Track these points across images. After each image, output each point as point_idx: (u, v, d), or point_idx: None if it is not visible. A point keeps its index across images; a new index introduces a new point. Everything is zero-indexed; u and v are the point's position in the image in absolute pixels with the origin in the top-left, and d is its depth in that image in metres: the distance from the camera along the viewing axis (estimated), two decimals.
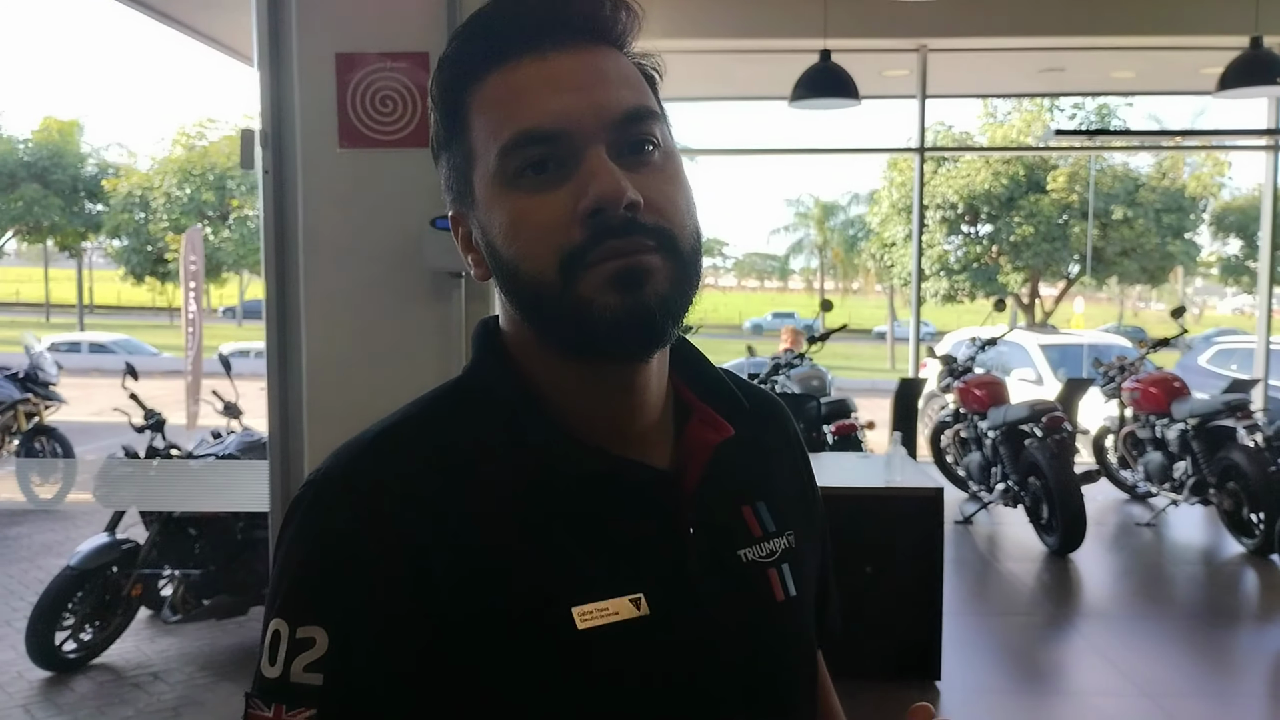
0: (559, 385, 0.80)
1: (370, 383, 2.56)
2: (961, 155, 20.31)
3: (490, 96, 0.77)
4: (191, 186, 25.86)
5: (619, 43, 0.81)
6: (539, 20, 0.77)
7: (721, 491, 0.84)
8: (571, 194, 0.74)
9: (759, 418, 0.92)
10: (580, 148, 0.74)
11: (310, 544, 0.76)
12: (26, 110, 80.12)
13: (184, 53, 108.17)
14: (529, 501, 0.77)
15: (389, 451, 0.79)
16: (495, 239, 0.78)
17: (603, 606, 0.75)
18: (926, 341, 14.16)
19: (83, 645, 4.52)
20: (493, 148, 0.76)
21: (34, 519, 7.75)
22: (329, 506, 0.77)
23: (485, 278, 0.81)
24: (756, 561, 0.84)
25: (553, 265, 0.74)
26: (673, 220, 0.76)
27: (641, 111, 0.77)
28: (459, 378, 0.86)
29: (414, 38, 2.45)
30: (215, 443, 5.05)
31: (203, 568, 4.58)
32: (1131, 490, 7.54)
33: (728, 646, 0.81)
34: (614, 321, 0.73)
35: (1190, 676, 4.50)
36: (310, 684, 0.72)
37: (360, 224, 2.49)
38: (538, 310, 0.77)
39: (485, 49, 0.78)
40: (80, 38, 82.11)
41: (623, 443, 0.80)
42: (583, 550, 0.77)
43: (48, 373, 8.82)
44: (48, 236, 28.45)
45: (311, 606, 0.74)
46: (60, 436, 8.45)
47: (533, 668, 0.74)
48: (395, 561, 0.74)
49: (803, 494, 0.95)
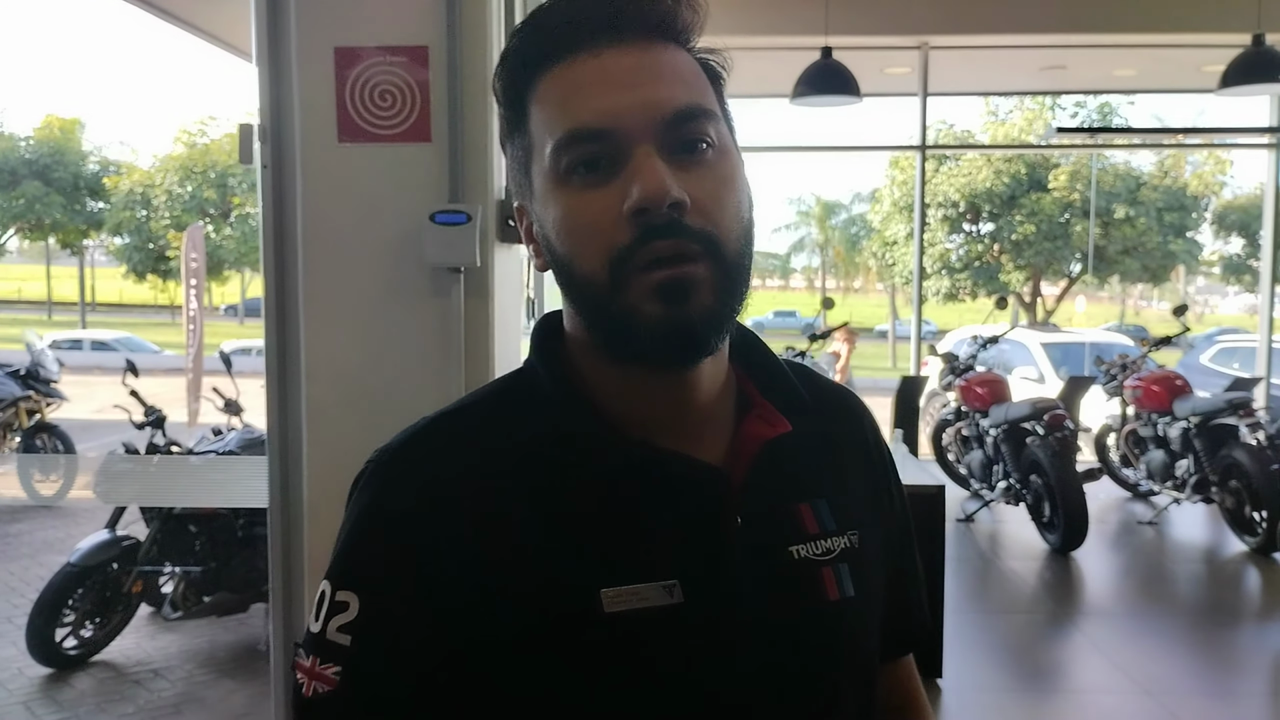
0: (608, 380, 0.82)
1: (369, 378, 2.55)
2: (964, 154, 20.31)
3: (547, 92, 0.78)
4: (193, 184, 25.90)
5: (680, 38, 0.80)
6: (597, 16, 0.77)
7: (774, 487, 0.84)
8: (619, 192, 0.74)
9: (827, 414, 0.91)
10: (629, 146, 0.75)
11: (359, 516, 0.82)
12: (28, 108, 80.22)
13: (186, 50, 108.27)
14: (570, 491, 0.79)
15: (446, 438, 0.83)
16: (550, 234, 0.79)
17: (633, 591, 0.76)
18: (928, 340, 14.16)
19: (83, 642, 4.52)
20: (547, 143, 0.77)
21: (35, 516, 7.76)
22: (382, 484, 0.82)
23: (545, 269, 0.83)
24: (809, 559, 0.83)
25: (603, 266, 0.75)
26: (719, 223, 0.76)
27: (694, 110, 0.77)
28: (518, 370, 0.89)
29: (414, 31, 2.44)
30: (216, 439, 5.05)
31: (203, 564, 4.58)
32: (1133, 488, 7.54)
33: (765, 642, 0.80)
34: (657, 333, 0.75)
35: (1192, 675, 4.50)
36: (340, 643, 0.77)
37: (360, 219, 2.48)
38: (588, 309, 0.79)
39: (544, 44, 0.79)
40: (82, 36, 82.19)
41: (671, 436, 0.81)
42: (619, 538, 0.78)
43: (49, 370, 8.84)
44: (49, 234, 28.48)
45: (350, 573, 0.79)
46: (61, 434, 8.46)
47: (562, 649, 0.76)
48: (434, 542, 0.77)
49: (876, 495, 0.94)
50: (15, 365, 8.90)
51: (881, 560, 0.91)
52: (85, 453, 9.12)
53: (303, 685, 0.78)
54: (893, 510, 0.96)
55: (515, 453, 0.80)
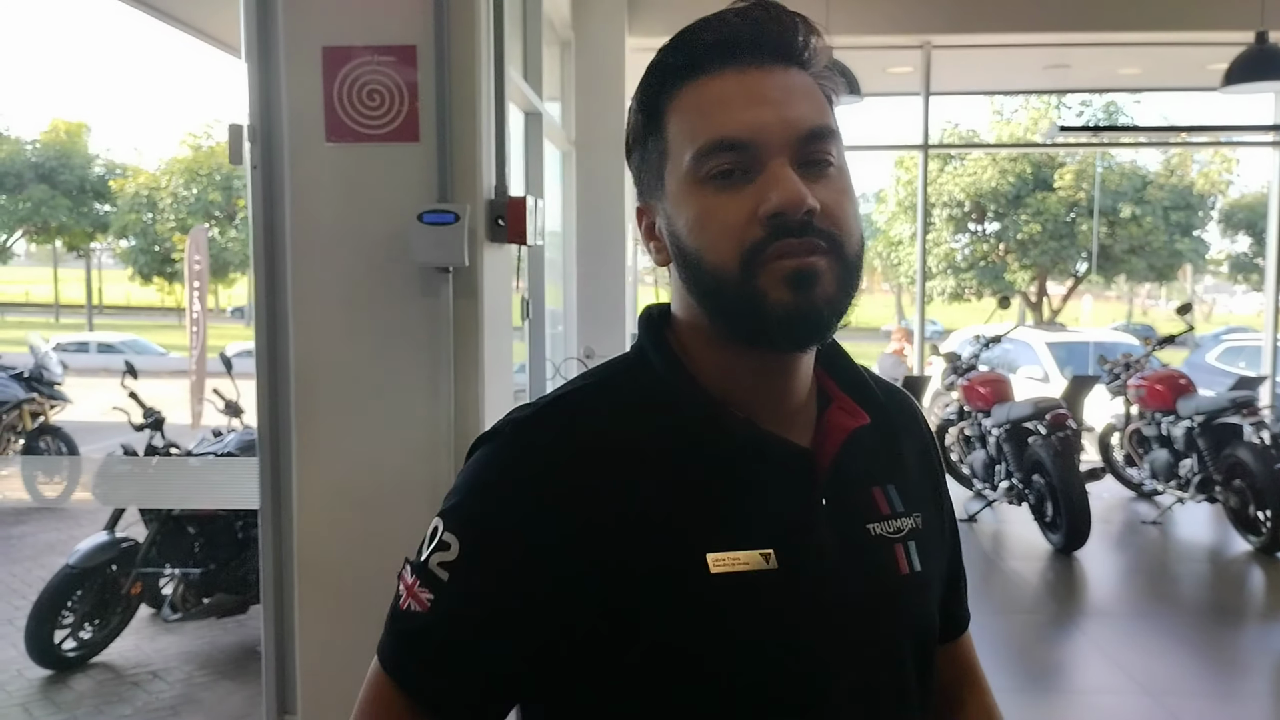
0: (721, 365, 0.90)
1: (358, 377, 2.55)
2: (969, 153, 20.26)
3: (688, 103, 0.87)
4: (198, 187, 25.98)
5: (807, 65, 0.89)
6: (740, 39, 0.86)
7: (854, 471, 0.93)
8: (754, 197, 0.83)
9: (892, 411, 1.01)
10: (766, 157, 0.84)
11: (479, 469, 0.90)
12: (34, 112, 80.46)
13: (192, 55, 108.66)
14: (680, 463, 0.88)
15: (568, 412, 0.91)
16: (681, 230, 0.87)
17: (735, 556, 0.85)
18: (933, 340, 14.11)
19: (82, 644, 4.52)
20: (688, 149, 0.86)
21: (38, 518, 7.78)
22: (505, 444, 0.90)
23: (664, 264, 0.92)
24: (884, 536, 0.94)
25: (734, 258, 0.83)
26: (843, 227, 0.85)
27: (823, 130, 0.86)
28: (628, 354, 0.98)
29: (402, 31, 2.43)
30: (215, 441, 5.06)
31: (202, 566, 4.58)
32: (1137, 488, 7.50)
33: (847, 607, 0.90)
34: (784, 316, 0.83)
35: (1195, 675, 4.47)
36: (438, 576, 0.87)
37: (348, 219, 2.48)
38: (715, 298, 0.86)
39: (688, 59, 0.87)
40: (88, 41, 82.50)
41: (771, 420, 0.90)
42: (723, 508, 0.87)
43: (53, 372, 8.86)
44: (56, 237, 28.59)
45: (457, 517, 0.88)
46: (65, 436, 8.49)
47: (666, 606, 0.84)
48: (542, 506, 0.85)
49: (933, 487, 1.04)
50: (19, 368, 8.93)
51: (939, 544, 1.01)
52: (90, 455, 9.14)
53: (401, 597, 0.89)
54: (944, 503, 1.06)
55: (631, 428, 0.89)
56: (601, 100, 6.67)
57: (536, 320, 5.36)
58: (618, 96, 6.74)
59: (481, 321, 2.58)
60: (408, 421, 2.63)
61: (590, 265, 6.72)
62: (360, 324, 2.52)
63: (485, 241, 2.58)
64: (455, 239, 2.41)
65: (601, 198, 6.71)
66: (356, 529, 2.70)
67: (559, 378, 5.40)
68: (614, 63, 6.72)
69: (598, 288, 6.73)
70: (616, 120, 6.76)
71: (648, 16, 7.10)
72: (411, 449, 2.66)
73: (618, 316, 6.82)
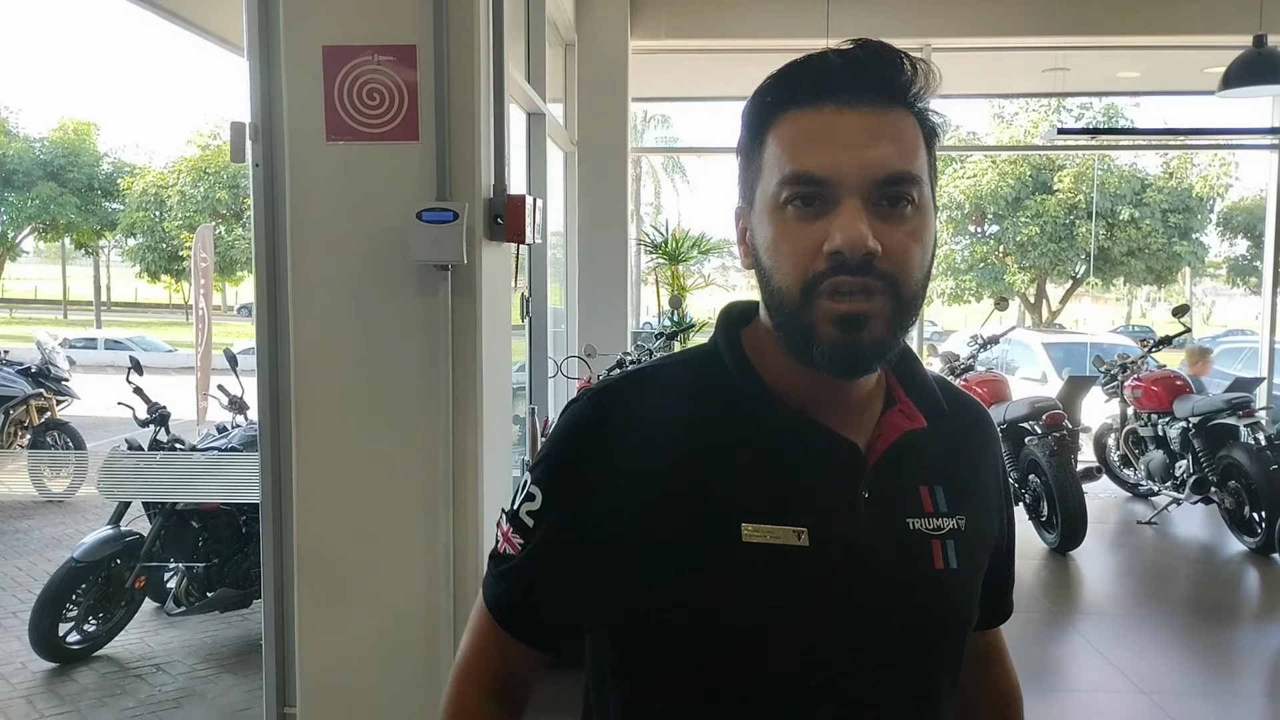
0: (781, 365, 0.99)
1: (357, 374, 2.59)
2: (969, 156, 20.25)
3: (786, 130, 0.94)
4: (206, 185, 26.03)
5: (911, 101, 0.95)
6: (843, 76, 0.92)
7: (901, 469, 1.00)
8: (823, 231, 0.90)
9: (959, 422, 1.09)
10: (841, 195, 0.90)
11: (563, 431, 1.03)
12: (42, 111, 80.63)
13: (199, 54, 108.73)
14: (731, 444, 0.98)
15: (643, 386, 1.04)
16: (759, 246, 0.96)
17: (769, 529, 0.94)
18: (931, 340, 14.14)
19: (86, 637, 4.56)
20: (775, 174, 0.93)
21: (44, 512, 7.83)
22: (586, 410, 1.03)
23: (749, 268, 1.00)
24: (922, 532, 1.00)
25: (797, 283, 0.92)
26: (903, 269, 0.91)
27: (902, 176, 0.92)
28: (705, 344, 1.08)
29: (402, 30, 2.47)
30: (219, 436, 5.10)
31: (206, 561, 4.62)
32: (1133, 488, 7.52)
33: (876, 593, 0.96)
34: (829, 352, 0.92)
35: (1190, 675, 4.50)
36: (526, 523, 1.02)
37: (347, 217, 2.51)
38: (778, 314, 0.95)
39: (791, 89, 0.94)
40: (95, 39, 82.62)
41: (829, 417, 0.98)
42: (766, 487, 0.96)
43: (59, 367, 8.91)
44: (64, 234, 28.65)
45: (541, 472, 1.03)
46: (72, 431, 8.53)
47: (703, 565, 0.94)
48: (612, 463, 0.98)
49: (990, 498, 1.10)
50: (26, 363, 8.98)
51: (985, 548, 1.08)
52: (98, 450, 9.19)
53: (499, 541, 1.06)
54: (1002, 516, 1.13)
55: (694, 406, 1.00)
56: (604, 102, 6.70)
57: (538, 318, 5.40)
58: (620, 98, 6.78)
59: (480, 319, 2.62)
60: (406, 417, 2.66)
61: (592, 265, 6.75)
62: (360, 321, 2.56)
63: (484, 240, 2.62)
64: (454, 237, 2.44)
65: (604, 198, 6.74)
66: (356, 524, 2.74)
67: (560, 375, 5.44)
68: (617, 64, 6.75)
69: (599, 287, 6.77)
70: (619, 121, 6.80)
71: (650, 19, 7.14)
72: (410, 444, 2.70)
73: (619, 315, 6.86)
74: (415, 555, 2.71)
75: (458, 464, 2.69)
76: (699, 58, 7.71)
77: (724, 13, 7.14)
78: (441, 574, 2.72)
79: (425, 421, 2.66)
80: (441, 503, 2.70)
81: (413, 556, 2.71)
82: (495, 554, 1.07)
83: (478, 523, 2.76)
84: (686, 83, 8.27)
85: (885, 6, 7.07)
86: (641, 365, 1.09)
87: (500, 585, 1.06)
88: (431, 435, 2.67)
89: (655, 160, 25.80)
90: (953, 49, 7.82)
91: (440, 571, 2.72)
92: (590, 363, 5.43)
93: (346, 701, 2.84)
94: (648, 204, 25.76)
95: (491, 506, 2.81)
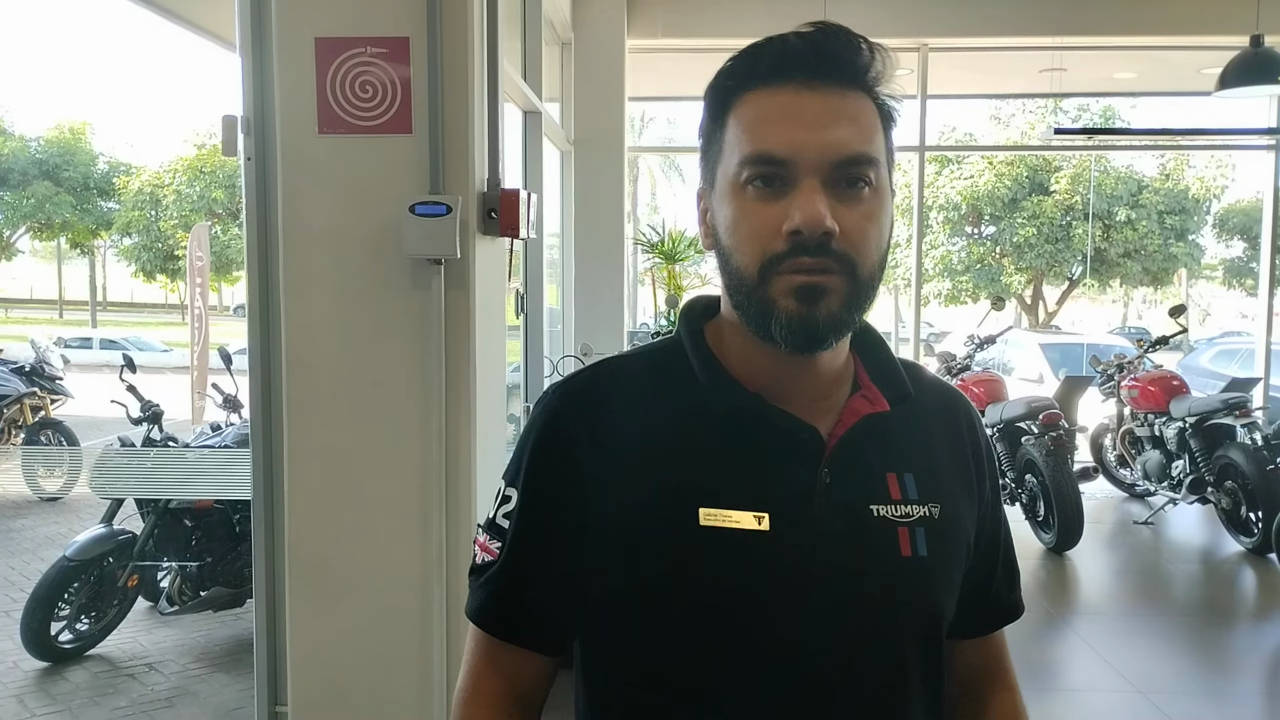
0: (747, 351, 0.99)
1: (349, 368, 2.57)
2: (966, 157, 20.25)
3: (747, 111, 0.95)
4: (201, 184, 25.97)
5: (868, 86, 0.95)
6: (804, 58, 0.93)
7: (864, 454, 0.99)
8: (782, 211, 0.91)
9: (930, 407, 1.07)
10: (800, 176, 0.91)
11: (528, 431, 1.04)
12: (37, 110, 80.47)
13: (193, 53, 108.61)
14: (691, 428, 0.98)
15: (605, 379, 1.05)
16: (719, 226, 0.97)
17: (726, 514, 0.94)
18: (928, 341, 14.14)
19: (79, 636, 4.54)
20: (736, 154, 0.94)
21: (38, 511, 7.80)
22: (552, 404, 1.03)
23: (709, 249, 1.01)
24: (888, 519, 0.98)
25: (755, 263, 0.92)
26: (859, 249, 0.92)
27: (860, 157, 0.92)
28: (671, 335, 1.09)
29: (395, 23, 2.45)
30: (213, 435, 5.08)
31: (199, 559, 4.60)
32: (1130, 488, 7.52)
33: (837, 578, 0.95)
34: (788, 324, 0.92)
35: (1186, 674, 4.49)
36: (503, 526, 1.03)
37: (340, 211, 2.50)
38: (736, 294, 0.96)
39: (751, 70, 0.95)
40: (89, 37, 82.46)
41: (792, 403, 0.98)
42: (724, 472, 0.96)
43: (54, 367, 8.89)
44: (60, 234, 28.59)
45: (513, 474, 1.04)
46: (66, 430, 8.51)
47: (660, 552, 0.95)
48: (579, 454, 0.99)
49: (967, 484, 1.08)
50: (21, 362, 8.95)
51: (962, 537, 1.05)
52: (92, 449, 9.16)
53: (476, 555, 1.06)
54: (984, 502, 1.10)
55: (657, 395, 1.01)
56: (601, 100, 6.69)
57: (534, 317, 5.38)
58: (617, 97, 6.77)
59: (473, 313, 2.60)
60: (399, 412, 2.65)
61: (589, 264, 6.74)
62: (352, 315, 2.54)
63: (477, 234, 2.60)
64: (447, 231, 2.43)
65: (600, 197, 6.73)
66: (348, 521, 2.72)
67: (556, 375, 5.43)
68: (613, 63, 6.74)
69: (596, 287, 6.75)
70: (616, 120, 6.79)
71: (647, 18, 7.13)
72: (403, 440, 2.68)
73: (615, 315, 6.84)
74: (408, 553, 2.69)
75: (450, 460, 2.67)
76: (696, 57, 7.69)
77: (721, 12, 7.13)
78: (434, 572, 2.71)
79: (418, 417, 2.64)
80: (434, 500, 2.68)
81: (405, 554, 2.69)
82: (474, 567, 1.06)
83: (470, 520, 2.75)
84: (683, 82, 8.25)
85: (882, 6, 7.06)
86: (606, 358, 1.09)
87: (485, 592, 1.04)
88: (425, 431, 2.65)
89: (652, 160, 25.80)
90: (950, 49, 7.82)
91: (433, 569, 2.71)
92: (586, 362, 5.41)
93: (337, 700, 2.82)
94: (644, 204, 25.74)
95: (485, 503, 2.79)
